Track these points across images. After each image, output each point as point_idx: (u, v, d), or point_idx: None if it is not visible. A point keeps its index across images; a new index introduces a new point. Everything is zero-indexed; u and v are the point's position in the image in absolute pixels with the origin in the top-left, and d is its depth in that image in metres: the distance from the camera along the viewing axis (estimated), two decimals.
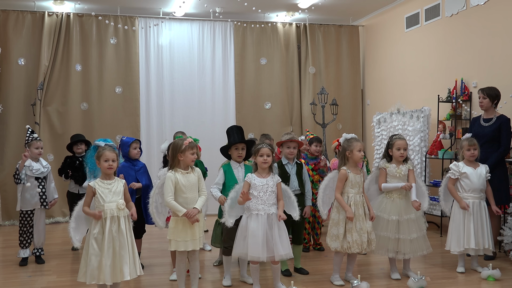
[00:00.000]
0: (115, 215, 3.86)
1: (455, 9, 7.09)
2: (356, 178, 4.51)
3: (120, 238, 3.84)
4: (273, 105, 9.04)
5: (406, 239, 4.62)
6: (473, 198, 4.95)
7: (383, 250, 4.69)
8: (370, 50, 9.36)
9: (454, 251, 4.95)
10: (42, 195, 5.40)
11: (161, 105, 8.67)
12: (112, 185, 3.93)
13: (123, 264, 3.82)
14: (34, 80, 8.04)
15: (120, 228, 3.86)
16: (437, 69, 7.47)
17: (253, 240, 4.13)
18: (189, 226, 4.01)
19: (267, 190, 4.22)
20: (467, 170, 4.96)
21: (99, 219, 3.80)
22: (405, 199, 4.70)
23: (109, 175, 3.97)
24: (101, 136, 7.25)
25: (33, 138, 5.45)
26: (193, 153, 4.09)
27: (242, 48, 8.96)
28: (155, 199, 4.22)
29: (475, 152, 4.99)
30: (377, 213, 4.69)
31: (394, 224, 4.64)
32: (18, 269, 5.26)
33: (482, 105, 5.64)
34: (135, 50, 8.52)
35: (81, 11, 8.40)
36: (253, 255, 4.14)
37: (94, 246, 3.79)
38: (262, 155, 4.25)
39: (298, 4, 8.35)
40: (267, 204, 4.21)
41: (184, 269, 4.25)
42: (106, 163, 3.92)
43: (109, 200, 3.86)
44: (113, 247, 3.81)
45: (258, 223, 4.16)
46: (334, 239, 4.49)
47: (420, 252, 4.69)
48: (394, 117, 7.70)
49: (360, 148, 4.50)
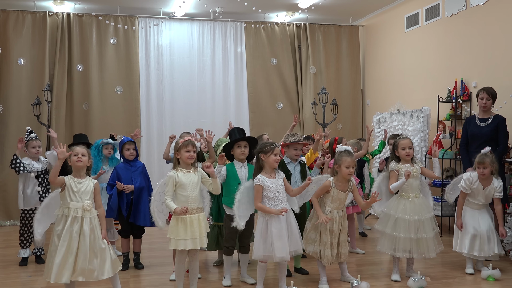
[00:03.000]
0: (78, 216, 3.80)
1: (455, 9, 7.09)
2: (340, 194, 4.43)
3: (81, 239, 3.77)
4: (284, 105, 9.08)
5: (429, 237, 4.62)
6: (480, 207, 4.96)
7: (402, 251, 4.64)
8: (370, 50, 9.36)
9: (460, 251, 4.97)
10: (42, 194, 5.40)
11: (161, 105, 8.68)
12: (82, 184, 3.88)
13: (79, 264, 3.73)
14: (34, 80, 8.05)
15: (82, 229, 3.78)
16: (437, 69, 7.47)
17: (279, 242, 4.13)
18: (190, 225, 4.00)
19: (280, 189, 4.24)
20: (477, 186, 4.89)
21: (66, 154, 3.79)
22: (421, 198, 4.71)
23: (79, 171, 3.90)
24: (101, 136, 7.25)
25: (30, 138, 5.46)
26: (187, 150, 4.06)
27: (254, 48, 9.01)
28: (157, 197, 4.21)
29: (484, 171, 4.85)
30: (396, 215, 4.66)
31: (416, 224, 4.61)
32: (18, 269, 5.26)
33: (486, 106, 5.57)
34: (135, 50, 8.53)
35: (81, 11, 8.40)
36: (280, 256, 4.14)
37: (56, 243, 3.75)
38: (276, 154, 4.23)
39: (298, 4, 8.35)
40: (283, 203, 4.23)
41: (183, 269, 4.24)
42: (75, 157, 3.86)
43: (75, 199, 3.81)
44: (67, 246, 3.72)
45: (281, 224, 4.16)
46: (311, 243, 4.48)
47: (438, 249, 4.69)
48: (394, 117, 7.70)
49: (348, 165, 4.35)
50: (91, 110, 8.33)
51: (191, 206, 4.02)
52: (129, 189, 5.02)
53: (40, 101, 7.65)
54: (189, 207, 3.99)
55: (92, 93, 8.33)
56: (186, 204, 4.00)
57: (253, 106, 8.99)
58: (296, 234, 4.26)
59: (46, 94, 7.55)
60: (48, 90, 7.52)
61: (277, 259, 4.17)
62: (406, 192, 4.71)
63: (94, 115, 8.32)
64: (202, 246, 4.11)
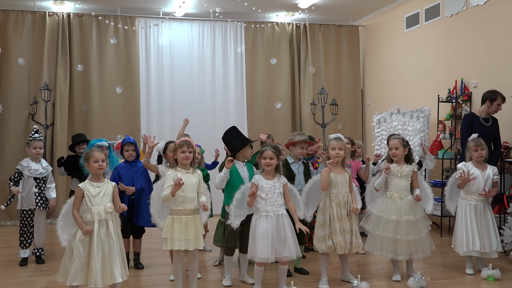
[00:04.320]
0: (103, 218, 3.83)
1: (455, 9, 7.09)
2: (338, 177, 4.46)
3: (109, 241, 3.81)
4: (283, 105, 9.07)
5: (403, 240, 4.59)
6: (477, 201, 4.92)
7: (383, 251, 4.66)
8: (370, 50, 9.36)
9: (459, 252, 4.94)
10: (38, 196, 5.37)
11: (161, 105, 8.68)
12: (101, 187, 3.90)
13: (114, 266, 3.79)
14: (34, 80, 8.05)
15: (108, 231, 3.83)
16: (437, 69, 7.47)
17: (262, 242, 4.13)
18: (185, 225, 4.01)
19: (274, 191, 4.23)
20: (474, 172, 4.89)
21: (86, 234, 3.75)
22: (406, 200, 4.68)
23: (99, 176, 3.93)
24: (101, 136, 7.25)
25: (33, 138, 5.41)
26: (183, 151, 4.09)
27: (253, 48, 9.00)
28: (155, 200, 4.21)
29: (482, 152, 4.91)
30: (378, 214, 4.69)
31: (393, 225, 4.62)
32: (18, 269, 5.26)
33: (500, 110, 5.67)
34: (135, 50, 8.53)
35: (81, 11, 8.40)
36: (262, 257, 4.14)
37: (80, 249, 3.75)
38: (265, 158, 4.25)
39: (298, 4, 8.35)
40: (275, 206, 4.22)
41: (181, 269, 4.22)
42: (96, 163, 3.88)
43: (97, 203, 3.83)
44: (102, 250, 3.77)
45: (267, 224, 4.16)
46: (321, 241, 4.47)
47: (416, 254, 4.66)
48: (394, 117, 7.70)
49: (334, 147, 4.45)
50: (91, 110, 8.32)
51: (187, 207, 4.04)
52: (131, 191, 5.03)
53: (36, 101, 7.62)
54: (185, 208, 4.02)
55: (92, 93, 8.33)
56: (183, 204, 4.01)
57: (251, 106, 8.99)
58: (290, 239, 4.18)
59: (44, 93, 7.51)
60: (46, 89, 7.49)
61: (258, 259, 4.17)
62: (390, 191, 4.72)
63: (94, 115, 8.31)
64: (198, 248, 4.10)
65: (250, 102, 9.00)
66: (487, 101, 5.65)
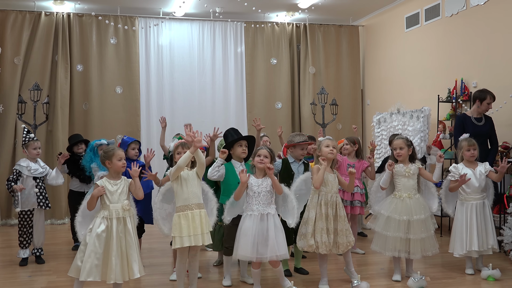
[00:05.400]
0: (121, 216, 3.87)
1: (455, 9, 7.09)
2: (329, 176, 4.42)
3: (127, 238, 3.87)
4: (283, 105, 9.07)
5: (416, 239, 4.60)
6: (475, 200, 4.91)
7: (395, 251, 4.65)
8: (370, 50, 9.37)
9: (457, 254, 4.91)
10: (39, 195, 5.37)
11: (161, 105, 8.68)
12: (118, 185, 3.95)
13: (132, 262, 3.85)
14: (33, 80, 8.03)
15: (126, 227, 3.88)
16: (437, 69, 7.47)
17: (243, 240, 4.14)
18: (192, 220, 4.01)
19: (261, 190, 4.23)
20: (466, 172, 4.90)
21: (100, 193, 3.82)
22: (414, 199, 4.69)
23: (119, 174, 3.99)
24: (101, 136, 7.25)
25: (30, 138, 5.42)
26: (178, 152, 4.26)
27: (253, 48, 9.00)
28: (159, 205, 4.22)
29: (474, 152, 4.94)
30: (388, 214, 4.68)
31: (405, 225, 4.61)
32: (18, 269, 5.26)
33: (490, 108, 5.68)
34: (135, 50, 8.53)
35: (81, 11, 8.40)
36: (242, 254, 4.15)
37: (96, 244, 3.78)
38: (260, 155, 4.28)
39: (298, 4, 8.35)
40: (261, 205, 4.21)
41: (185, 268, 4.24)
42: (120, 162, 3.95)
43: (114, 200, 3.88)
44: (120, 247, 3.82)
45: (251, 222, 4.17)
46: (302, 238, 4.43)
47: (429, 252, 4.68)
48: (394, 117, 7.70)
49: (328, 144, 4.41)
50: (91, 110, 8.32)
51: (192, 202, 4.05)
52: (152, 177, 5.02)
53: (23, 100, 7.60)
54: (190, 203, 4.03)
55: (92, 93, 8.33)
56: (187, 200, 4.02)
57: (251, 106, 8.98)
58: (273, 240, 4.12)
59: (32, 94, 7.49)
60: (36, 89, 7.45)
61: (238, 256, 4.18)
62: (399, 191, 4.72)
63: (94, 115, 8.31)
64: (206, 243, 4.11)
65: (250, 102, 9.00)
66: (477, 101, 5.69)
